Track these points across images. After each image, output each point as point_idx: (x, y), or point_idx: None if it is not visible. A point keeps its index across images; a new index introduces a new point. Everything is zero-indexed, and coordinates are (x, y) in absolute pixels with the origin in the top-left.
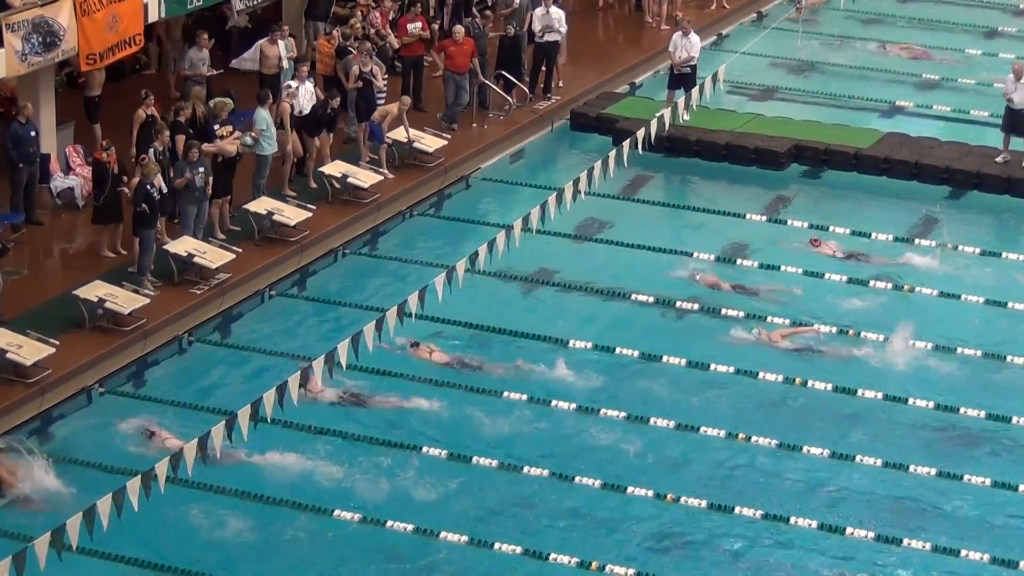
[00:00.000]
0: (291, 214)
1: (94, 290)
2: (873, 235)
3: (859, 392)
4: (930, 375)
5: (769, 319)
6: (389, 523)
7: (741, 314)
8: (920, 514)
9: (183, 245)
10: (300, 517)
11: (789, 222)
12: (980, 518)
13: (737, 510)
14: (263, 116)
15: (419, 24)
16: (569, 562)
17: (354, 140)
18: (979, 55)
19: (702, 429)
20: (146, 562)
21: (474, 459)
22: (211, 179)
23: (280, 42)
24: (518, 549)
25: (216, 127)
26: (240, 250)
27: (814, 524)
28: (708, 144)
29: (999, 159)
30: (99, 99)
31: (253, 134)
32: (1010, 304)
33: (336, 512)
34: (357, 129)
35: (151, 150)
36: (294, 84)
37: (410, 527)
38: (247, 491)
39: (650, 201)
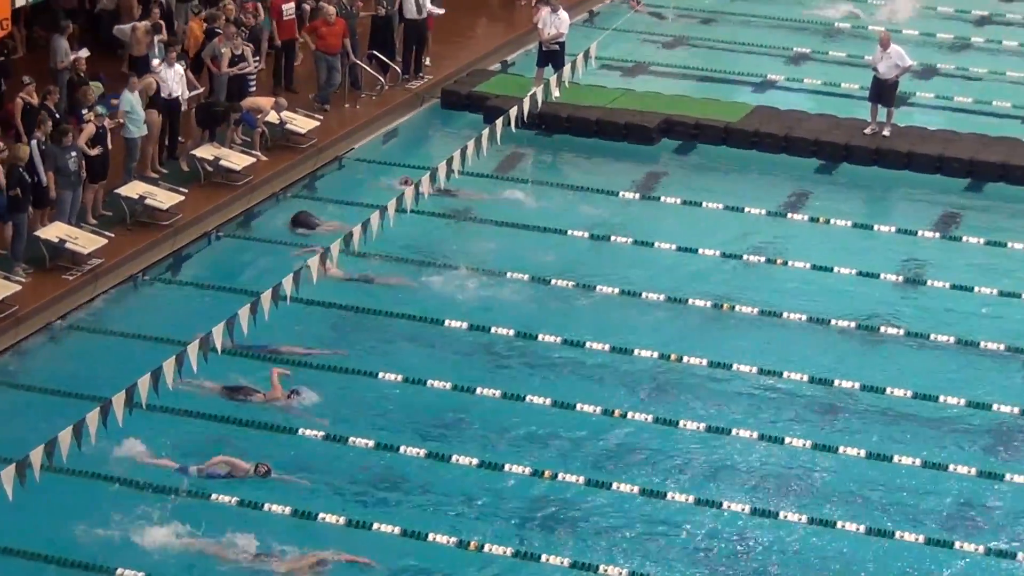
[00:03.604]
0: (163, 198)
1: None
2: (746, 209)
3: (735, 366)
4: (803, 348)
5: (644, 295)
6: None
7: (616, 291)
8: (796, 487)
9: (55, 231)
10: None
11: (662, 198)
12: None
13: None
14: (128, 99)
15: (292, 5)
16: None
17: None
18: (848, 28)
19: (578, 406)
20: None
21: (351, 439)
22: (83, 163)
23: (155, 35)
24: (396, 529)
25: (84, 112)
26: (112, 235)
27: (691, 499)
28: (579, 120)
29: (867, 131)
30: None
31: (119, 118)
32: (883, 275)
33: (210, 496)
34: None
35: (34, 140)
36: (156, 61)
37: (343, 520)
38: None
39: (524, 179)
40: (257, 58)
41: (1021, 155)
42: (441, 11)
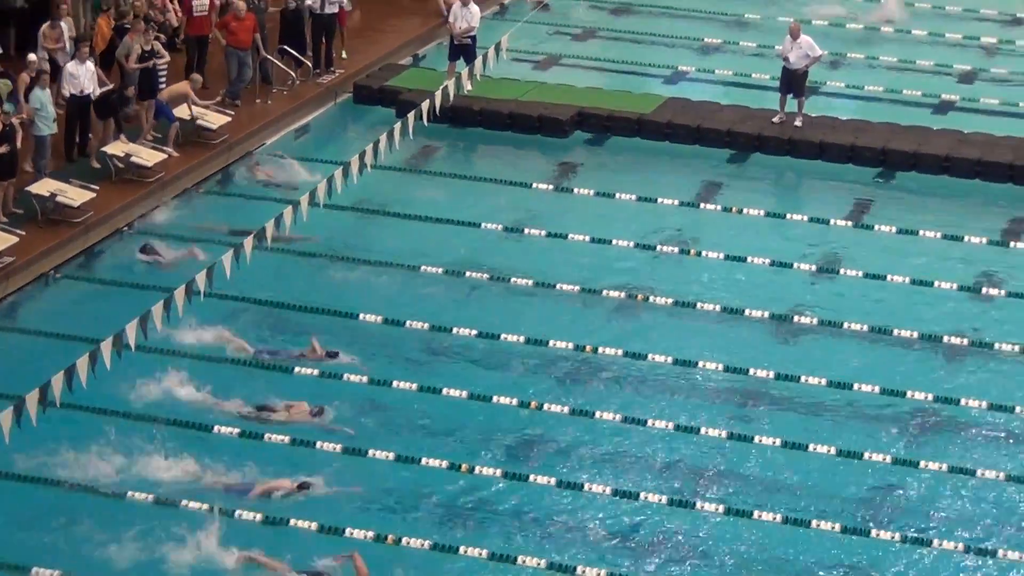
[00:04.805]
0: (74, 195)
1: None
2: (659, 200)
3: (650, 356)
4: (718, 337)
5: (558, 286)
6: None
7: (530, 283)
8: (712, 476)
9: None
10: None
11: (575, 189)
12: (772, 479)
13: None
14: (38, 96)
15: (204, 0)
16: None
17: (132, 118)
18: (759, 19)
19: (494, 397)
20: None
21: (266, 436)
22: None
23: (62, 24)
24: (313, 526)
25: None
26: (23, 233)
27: (608, 489)
28: (492, 113)
29: (775, 119)
30: None
31: (25, 115)
32: (796, 265)
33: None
34: (138, 107)
35: None
36: (33, 57)
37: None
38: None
39: (437, 172)
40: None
41: (932, 143)
42: (345, 5)
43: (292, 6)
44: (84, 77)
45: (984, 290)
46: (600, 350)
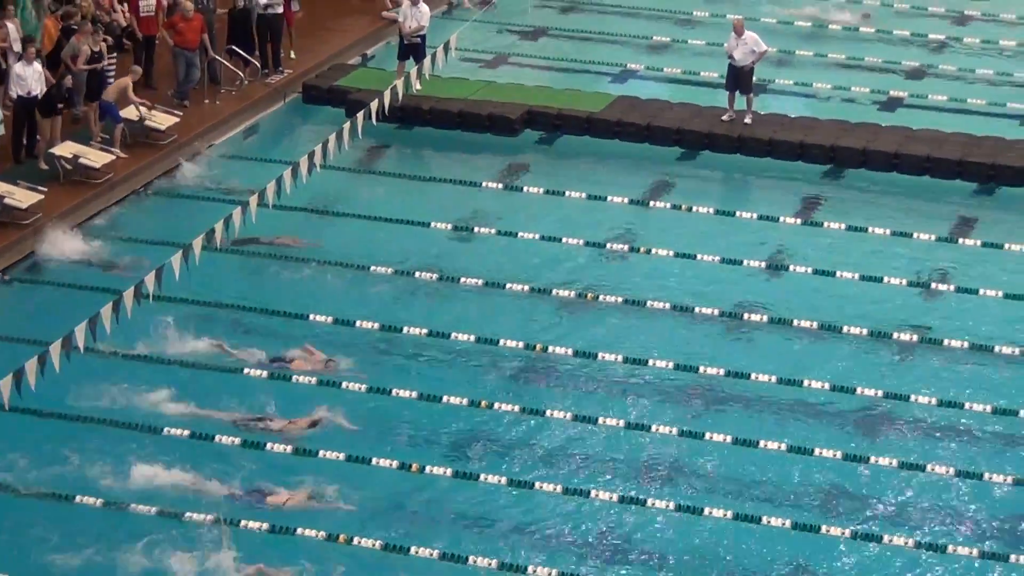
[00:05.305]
0: (22, 197)
1: None
2: (609, 198)
3: (600, 355)
4: (668, 335)
5: (508, 286)
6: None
7: (480, 282)
8: (662, 474)
9: None
10: None
11: (525, 188)
12: (722, 475)
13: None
14: None
15: (151, 1)
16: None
17: (81, 120)
18: (707, 16)
19: (445, 397)
20: None
21: (217, 438)
22: None
23: (9, 24)
24: (265, 526)
25: None
26: None
27: (559, 488)
28: (441, 113)
29: (724, 117)
30: None
31: None
32: (746, 262)
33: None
34: (86, 108)
35: None
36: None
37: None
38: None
39: (386, 172)
40: (114, 54)
41: (881, 140)
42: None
43: (240, 6)
44: (31, 78)
45: (933, 286)
46: (550, 349)
